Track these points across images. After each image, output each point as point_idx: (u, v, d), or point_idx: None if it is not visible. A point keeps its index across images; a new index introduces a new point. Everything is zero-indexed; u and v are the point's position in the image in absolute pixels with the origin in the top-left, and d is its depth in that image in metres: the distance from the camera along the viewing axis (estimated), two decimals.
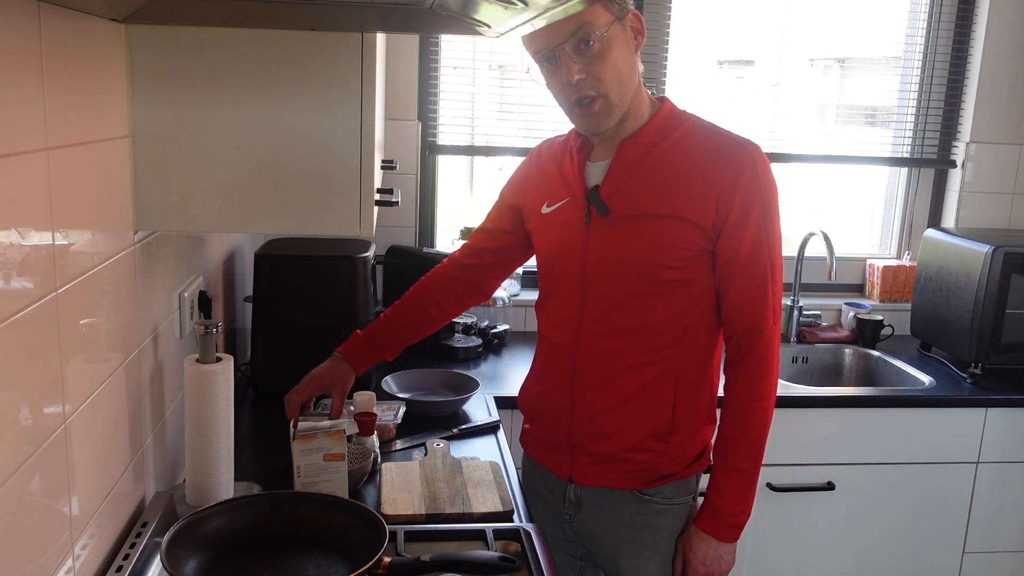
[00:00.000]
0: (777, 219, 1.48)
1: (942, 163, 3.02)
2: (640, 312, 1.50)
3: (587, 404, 1.55)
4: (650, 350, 1.50)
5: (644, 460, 1.53)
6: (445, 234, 2.93)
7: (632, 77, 1.47)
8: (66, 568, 1.06)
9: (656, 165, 1.49)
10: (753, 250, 1.46)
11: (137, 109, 1.28)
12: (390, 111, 2.66)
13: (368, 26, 1.28)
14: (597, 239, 1.51)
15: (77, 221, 1.08)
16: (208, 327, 1.37)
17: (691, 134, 1.50)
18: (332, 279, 2.08)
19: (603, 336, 1.52)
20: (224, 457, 1.40)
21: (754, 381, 1.49)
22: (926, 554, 2.50)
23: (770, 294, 1.48)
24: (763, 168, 1.46)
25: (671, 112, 1.53)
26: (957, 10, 2.91)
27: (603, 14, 1.40)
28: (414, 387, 2.13)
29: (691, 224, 1.45)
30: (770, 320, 1.49)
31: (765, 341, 1.49)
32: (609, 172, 1.51)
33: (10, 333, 0.90)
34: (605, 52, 1.41)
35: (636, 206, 1.48)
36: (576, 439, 1.57)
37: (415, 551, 1.29)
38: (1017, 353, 2.53)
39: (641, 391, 1.51)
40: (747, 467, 1.50)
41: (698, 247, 1.46)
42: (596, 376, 1.54)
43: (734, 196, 1.44)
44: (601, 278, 1.51)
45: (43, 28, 0.95)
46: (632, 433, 1.53)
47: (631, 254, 1.49)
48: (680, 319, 1.50)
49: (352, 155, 1.34)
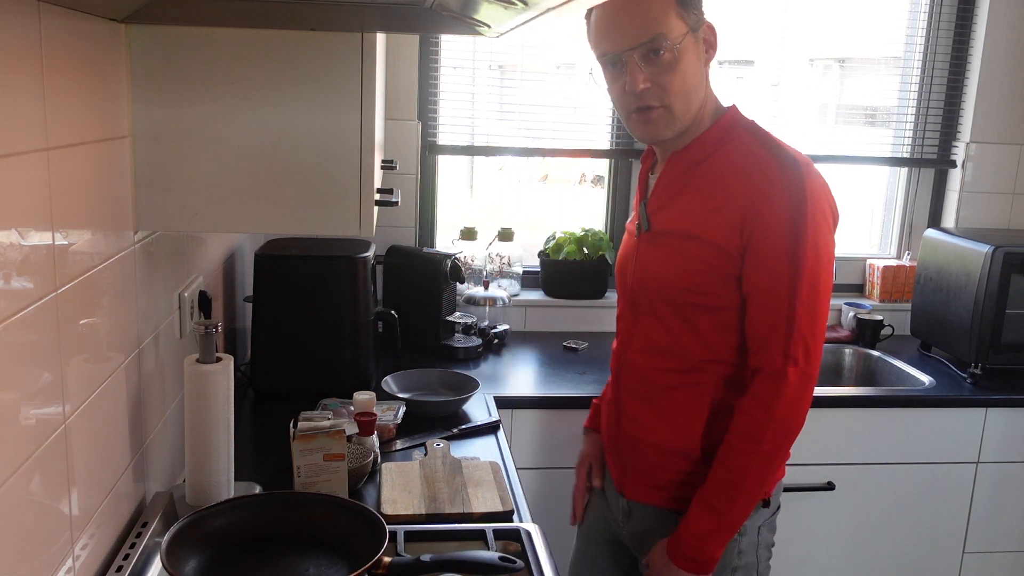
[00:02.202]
0: (812, 254, 1.33)
1: (942, 163, 3.01)
2: (672, 333, 1.46)
3: (629, 419, 1.54)
4: (682, 371, 1.46)
5: (677, 480, 1.49)
6: (445, 234, 2.93)
7: (699, 90, 1.41)
8: (66, 568, 1.06)
9: (697, 182, 1.43)
10: (769, 284, 1.35)
11: (137, 109, 1.27)
12: (390, 111, 2.66)
13: (368, 26, 1.28)
14: (641, 254, 1.50)
15: (77, 221, 1.08)
16: (208, 327, 1.37)
17: (739, 150, 1.41)
18: (332, 279, 2.08)
19: (642, 352, 1.51)
20: (224, 457, 1.40)
21: (745, 420, 1.39)
22: (926, 554, 2.50)
23: (783, 335, 1.34)
24: (799, 195, 1.33)
25: (730, 122, 1.45)
26: (957, 10, 2.90)
27: (678, 26, 1.35)
28: (414, 387, 2.13)
29: (716, 247, 1.38)
30: (779, 363, 1.35)
31: (770, 384, 1.36)
32: (656, 186, 1.49)
33: (10, 333, 0.90)
34: (675, 63, 1.36)
35: (671, 223, 1.44)
36: (623, 451, 1.57)
37: (415, 551, 1.29)
38: (1017, 353, 2.53)
39: (672, 411, 1.48)
40: (719, 506, 1.40)
41: (722, 272, 1.38)
42: (637, 391, 1.53)
43: (757, 222, 1.34)
44: (642, 294, 1.50)
45: (43, 28, 0.95)
46: (664, 451, 1.49)
47: (661, 274, 1.45)
48: (708, 346, 1.43)
49: (352, 155, 1.34)
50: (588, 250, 2.82)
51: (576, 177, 6.32)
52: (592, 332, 2.84)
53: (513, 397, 2.25)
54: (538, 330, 2.85)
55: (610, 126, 2.86)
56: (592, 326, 2.86)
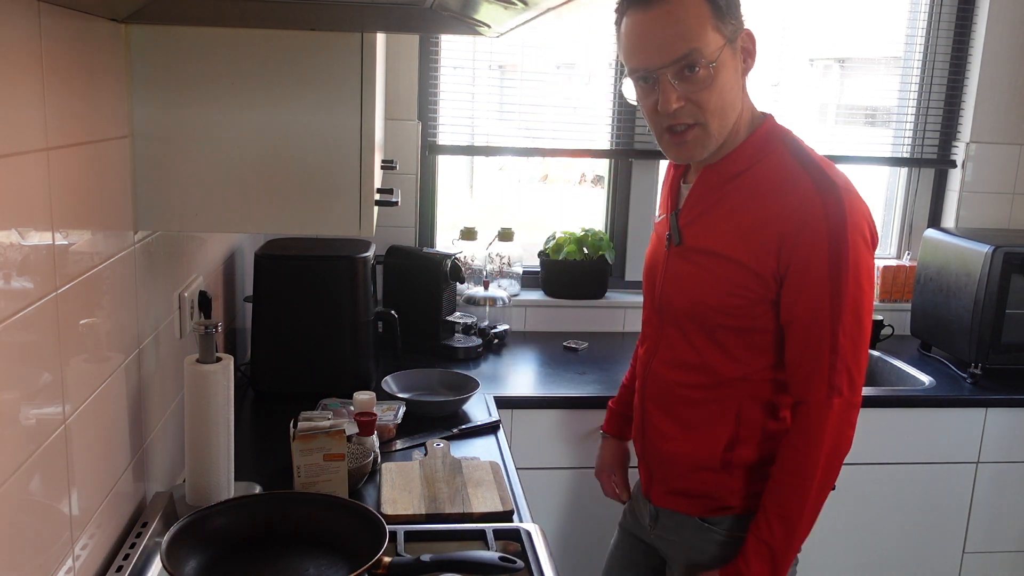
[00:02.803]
0: (854, 280, 1.29)
1: (942, 163, 3.01)
2: (699, 351, 1.42)
3: (653, 426, 1.53)
4: (707, 387, 1.43)
5: (702, 490, 1.48)
6: (445, 234, 2.93)
7: (736, 106, 1.34)
8: (66, 568, 1.06)
9: (731, 198, 1.37)
10: (810, 313, 1.31)
11: (137, 109, 1.27)
12: (390, 111, 2.66)
13: (368, 26, 1.28)
14: (671, 267, 1.45)
15: (77, 221, 1.08)
16: (208, 327, 1.37)
17: (776, 166, 1.35)
18: (332, 279, 2.08)
19: (668, 364, 1.48)
20: (224, 457, 1.40)
21: (794, 455, 1.36)
22: (926, 554, 2.50)
23: (826, 366, 1.31)
24: (838, 220, 1.28)
25: (767, 135, 1.38)
26: (957, 10, 2.90)
27: (715, 39, 1.28)
28: (414, 387, 2.13)
29: (748, 270, 1.33)
30: (823, 395, 1.32)
31: (814, 416, 1.34)
32: (688, 199, 1.43)
33: (10, 333, 0.90)
34: (712, 80, 1.28)
35: (703, 240, 1.39)
36: (649, 459, 1.56)
37: (415, 551, 1.29)
38: (1017, 353, 2.53)
39: (696, 425, 1.46)
40: (776, 544, 1.37)
41: (755, 295, 1.34)
42: (661, 402, 1.51)
43: (796, 248, 1.29)
44: (670, 307, 1.46)
45: (43, 28, 0.95)
46: (687, 463, 1.48)
47: (692, 292, 1.41)
48: (740, 365, 1.40)
49: (352, 155, 1.34)
50: (588, 250, 2.82)
51: (576, 177, 6.32)
52: (592, 332, 2.84)
53: (513, 397, 2.25)
54: (538, 330, 2.85)
55: (610, 126, 2.86)
56: (592, 326, 2.86)
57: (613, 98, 2.84)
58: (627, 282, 2.96)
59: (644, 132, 2.82)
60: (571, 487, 1.82)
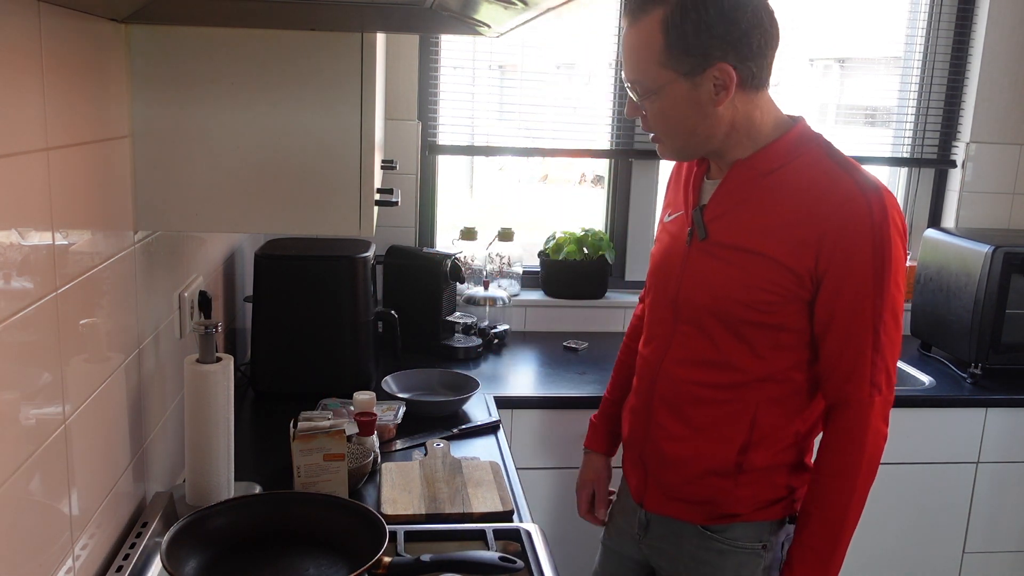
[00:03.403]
0: (894, 279, 1.32)
1: (942, 163, 3.01)
2: (721, 348, 1.41)
3: (659, 428, 1.49)
4: (726, 387, 1.42)
5: (707, 495, 1.45)
6: (445, 234, 2.93)
7: (697, 130, 1.36)
8: (66, 568, 1.06)
9: (764, 195, 1.37)
10: (853, 312, 1.32)
11: (137, 109, 1.27)
12: (390, 111, 2.66)
13: (368, 26, 1.28)
14: (693, 262, 1.43)
15: (77, 221, 1.08)
16: (208, 327, 1.37)
17: (812, 165, 1.36)
18: (332, 279, 2.08)
19: (683, 363, 1.46)
20: (224, 457, 1.40)
21: (837, 457, 1.36)
22: (926, 554, 2.50)
23: (868, 364, 1.33)
24: (882, 219, 1.30)
25: (800, 136, 1.38)
26: (957, 10, 2.90)
27: (660, 74, 1.32)
28: (414, 387, 2.13)
29: (783, 267, 1.33)
30: (865, 393, 1.34)
31: (856, 416, 1.35)
32: (716, 194, 1.42)
33: (10, 333, 0.90)
34: (654, 108, 1.36)
35: (733, 235, 1.39)
36: (647, 462, 1.52)
37: (415, 551, 1.29)
38: (1017, 353, 2.53)
39: (709, 427, 1.44)
40: (822, 548, 1.38)
41: (789, 293, 1.34)
42: (671, 402, 1.47)
43: (839, 247, 1.30)
44: (690, 304, 1.44)
45: (43, 28, 0.95)
46: (693, 467, 1.45)
47: (718, 287, 1.39)
48: (764, 363, 1.39)
49: (352, 155, 1.34)
50: (588, 250, 2.82)
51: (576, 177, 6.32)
52: (592, 332, 2.84)
53: (513, 397, 2.25)
54: (538, 330, 2.85)
55: (610, 126, 2.86)
56: (592, 326, 2.86)
57: (613, 98, 2.84)
58: (627, 282, 2.96)
59: (644, 132, 2.81)
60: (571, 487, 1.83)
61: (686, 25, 1.28)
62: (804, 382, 1.41)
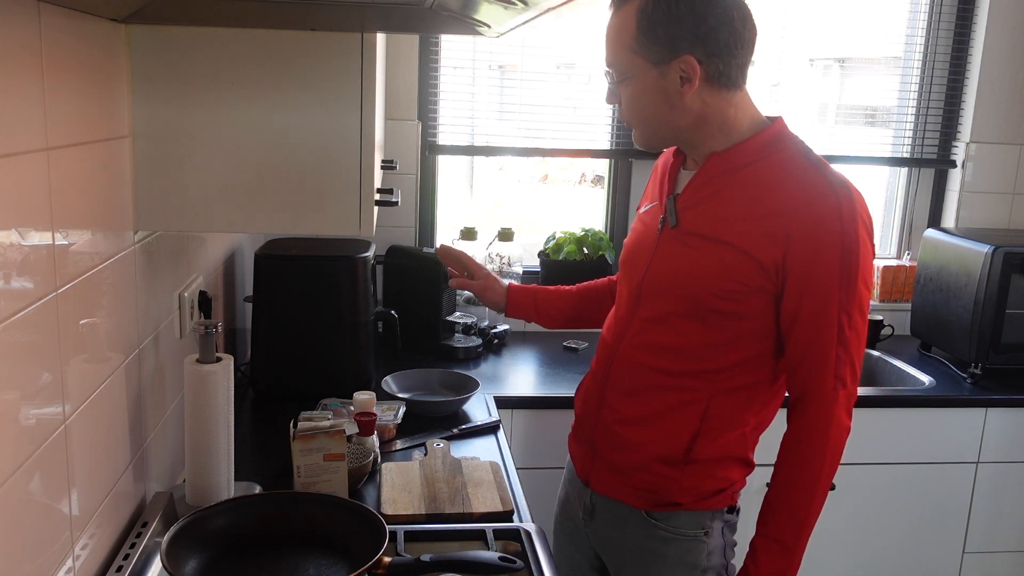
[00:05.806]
0: (862, 276, 1.35)
1: (942, 163, 3.01)
2: (681, 333, 1.43)
3: (611, 411, 1.51)
4: (680, 374, 1.44)
5: (652, 482, 1.47)
6: (445, 234, 2.93)
7: (664, 119, 1.40)
8: (66, 568, 1.06)
9: (736, 187, 1.40)
10: (820, 306, 1.34)
11: (137, 109, 1.28)
12: (390, 111, 2.66)
13: (368, 26, 1.28)
14: (662, 249, 1.46)
15: (77, 221, 1.08)
16: (208, 327, 1.37)
17: (786, 163, 1.39)
18: (332, 279, 2.08)
19: (640, 348, 1.48)
20: (224, 457, 1.40)
21: (802, 449, 1.39)
22: (926, 554, 2.50)
23: (833, 358, 1.35)
24: (851, 219, 1.32)
25: (776, 135, 1.42)
26: (957, 10, 2.90)
27: (634, 61, 1.37)
28: (414, 387, 2.13)
29: (751, 258, 1.35)
30: (830, 387, 1.36)
31: (819, 409, 1.37)
32: (690, 184, 1.45)
33: (10, 333, 0.90)
34: (625, 93, 1.41)
35: (703, 225, 1.41)
36: (597, 443, 1.54)
37: (415, 551, 1.29)
38: (1017, 353, 2.53)
39: (662, 413, 1.45)
40: (788, 541, 1.39)
41: (754, 284, 1.36)
42: (625, 386, 1.50)
43: (807, 242, 1.32)
44: (654, 290, 1.46)
45: (43, 28, 0.95)
46: (643, 452, 1.47)
47: (684, 273, 1.42)
48: (721, 353, 1.41)
49: (352, 155, 1.34)
50: (588, 250, 2.82)
51: (576, 177, 6.33)
52: (592, 332, 2.81)
53: (513, 397, 2.25)
54: (538, 330, 2.84)
55: (610, 126, 2.86)
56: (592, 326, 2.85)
57: None
58: None
59: None
60: None
61: (657, 15, 1.33)
62: (758, 376, 1.44)
